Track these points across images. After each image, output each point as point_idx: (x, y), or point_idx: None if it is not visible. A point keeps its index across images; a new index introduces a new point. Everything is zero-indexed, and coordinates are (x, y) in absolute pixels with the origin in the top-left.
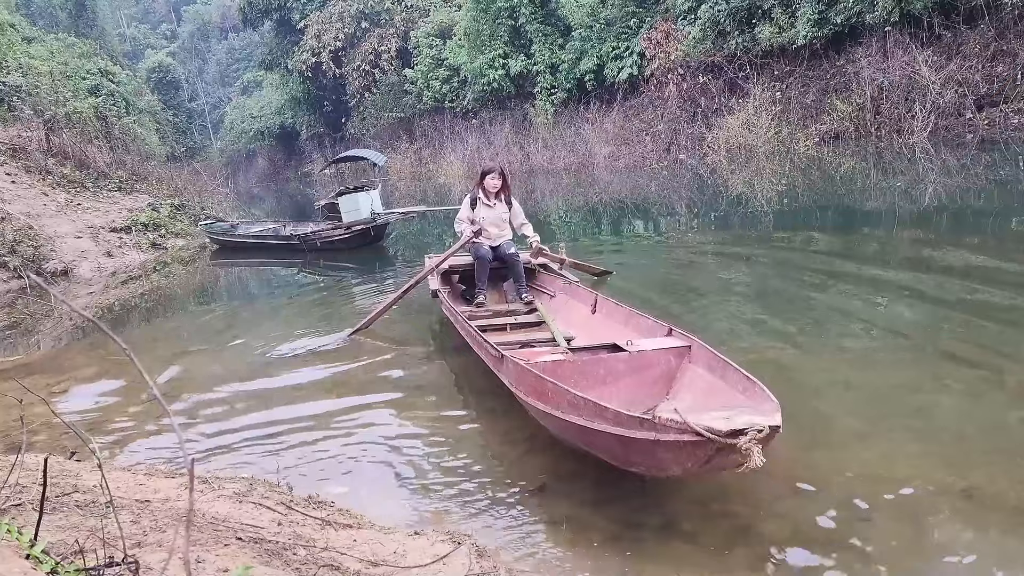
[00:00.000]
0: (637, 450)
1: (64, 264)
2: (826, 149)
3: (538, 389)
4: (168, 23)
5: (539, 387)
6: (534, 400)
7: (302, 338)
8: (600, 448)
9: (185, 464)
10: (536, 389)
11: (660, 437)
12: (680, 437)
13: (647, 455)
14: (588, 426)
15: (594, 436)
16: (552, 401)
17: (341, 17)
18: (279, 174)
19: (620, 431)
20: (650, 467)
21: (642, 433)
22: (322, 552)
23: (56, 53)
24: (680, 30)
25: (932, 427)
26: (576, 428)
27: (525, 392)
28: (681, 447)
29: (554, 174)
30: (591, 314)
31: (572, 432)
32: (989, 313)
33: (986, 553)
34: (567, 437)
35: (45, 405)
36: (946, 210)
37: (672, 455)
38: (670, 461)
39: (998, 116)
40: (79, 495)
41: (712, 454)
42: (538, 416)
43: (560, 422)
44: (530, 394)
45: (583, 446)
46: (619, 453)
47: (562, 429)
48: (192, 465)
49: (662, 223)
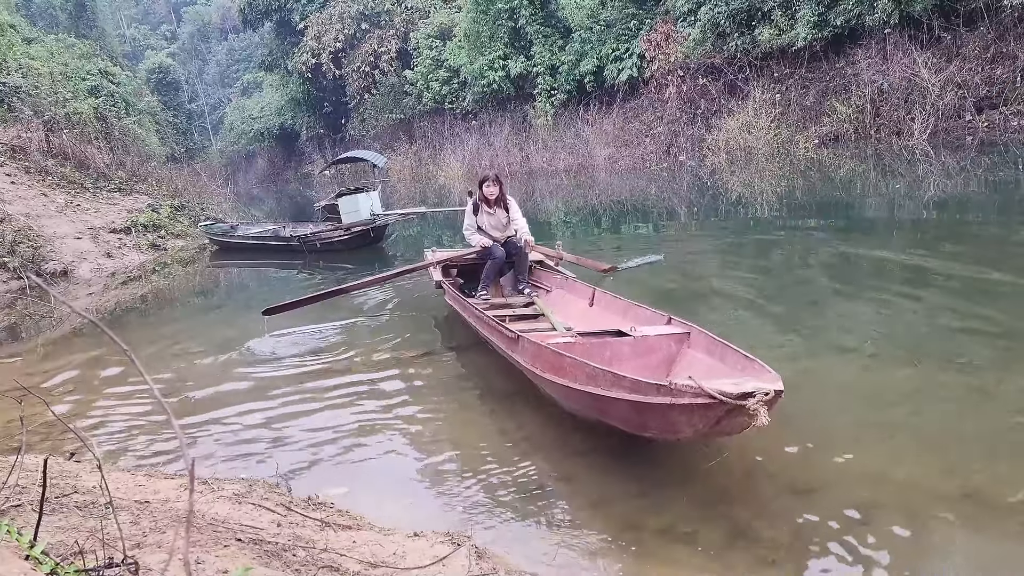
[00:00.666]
0: (652, 415)
1: (64, 265)
2: (826, 151)
3: (555, 365)
4: (168, 24)
5: (556, 363)
6: (551, 375)
7: (301, 339)
8: (615, 416)
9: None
10: (553, 365)
11: (675, 401)
12: (694, 400)
13: (662, 419)
14: (606, 395)
15: (611, 404)
16: (569, 375)
17: (341, 18)
18: (279, 175)
19: (637, 397)
20: (663, 431)
21: (658, 398)
22: (322, 553)
23: (56, 54)
24: (680, 32)
25: (931, 429)
26: (593, 398)
27: (542, 368)
28: (694, 410)
29: (554, 175)
30: (589, 307)
31: (589, 402)
32: (988, 315)
33: (985, 555)
34: (583, 408)
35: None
36: (945, 213)
37: (685, 417)
38: (683, 423)
39: (998, 118)
40: (79, 496)
41: (722, 416)
42: (554, 391)
43: (577, 393)
44: (547, 370)
45: (598, 415)
46: (634, 419)
47: (579, 400)
48: (192, 466)
49: (662, 225)
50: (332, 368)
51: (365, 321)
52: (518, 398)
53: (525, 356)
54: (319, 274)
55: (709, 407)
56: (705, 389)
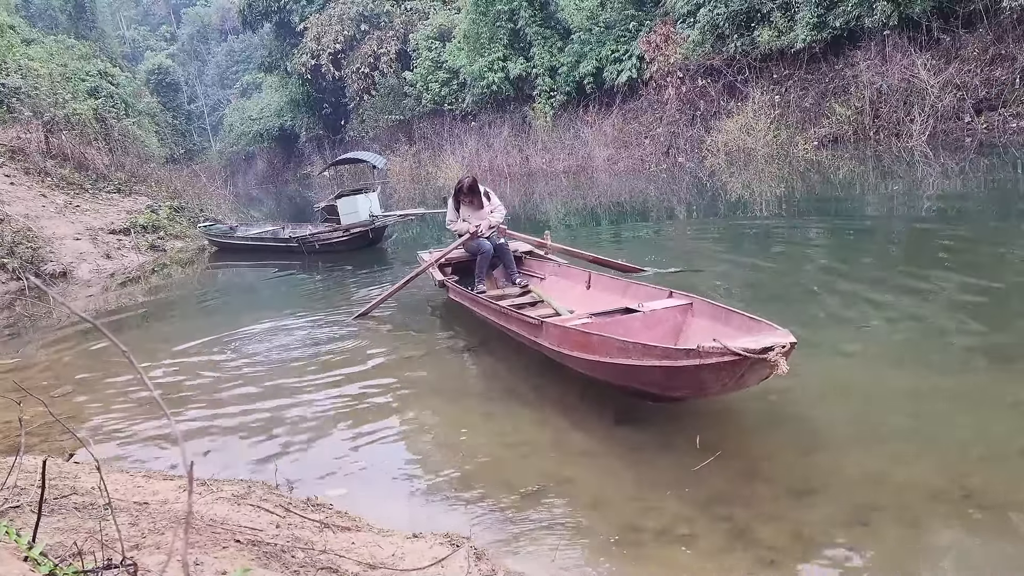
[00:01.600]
0: (682, 377)
1: (63, 266)
2: (825, 153)
3: (583, 343)
4: (168, 25)
5: (585, 341)
6: (580, 353)
7: (300, 340)
8: (645, 382)
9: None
10: (582, 343)
11: (704, 362)
12: (721, 359)
13: (690, 380)
14: (637, 364)
15: (641, 372)
16: (600, 351)
17: (340, 19)
18: (278, 176)
19: (668, 363)
20: (692, 390)
21: (687, 361)
22: (320, 554)
23: (55, 55)
24: (679, 33)
25: (930, 431)
26: (624, 368)
27: (570, 348)
28: (721, 368)
29: (553, 177)
30: (586, 289)
31: (620, 373)
32: (988, 317)
33: (984, 555)
34: (614, 378)
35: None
36: (945, 214)
37: (713, 376)
38: (711, 381)
39: (997, 120)
40: (77, 497)
41: (746, 370)
42: (584, 367)
43: (609, 366)
44: (575, 349)
45: (630, 383)
46: (664, 383)
47: (610, 372)
48: (191, 467)
49: (661, 226)
50: (331, 369)
51: (363, 323)
52: (517, 399)
53: (551, 339)
54: (318, 275)
55: (735, 364)
56: (731, 348)
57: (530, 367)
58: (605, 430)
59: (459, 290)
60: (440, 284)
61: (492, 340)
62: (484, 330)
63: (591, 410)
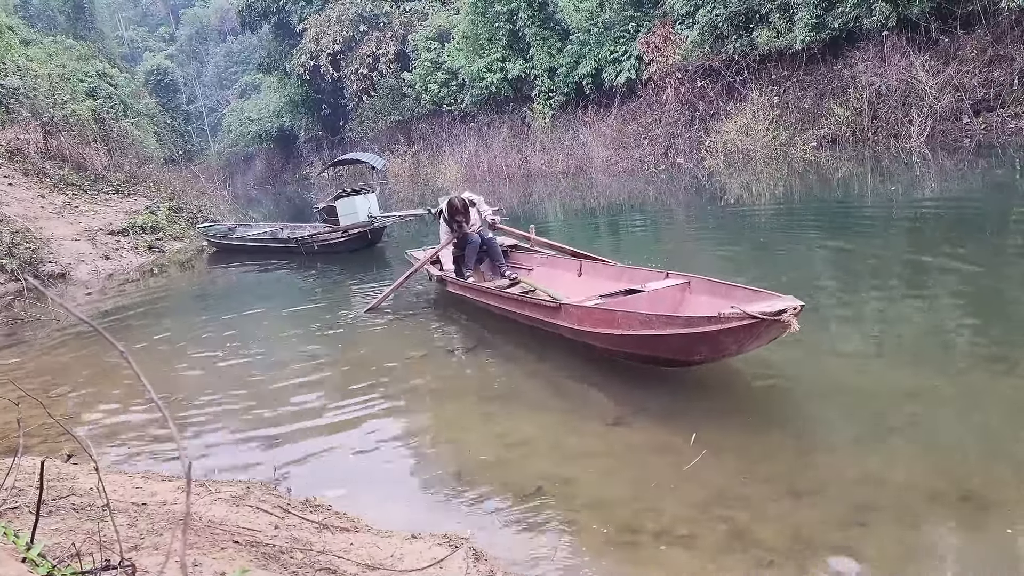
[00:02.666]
0: (703, 342)
1: (61, 267)
2: (823, 153)
3: (607, 319)
4: (166, 26)
5: (608, 317)
6: (604, 329)
7: (299, 341)
8: (667, 349)
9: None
10: (605, 320)
11: (724, 327)
12: (741, 323)
13: (711, 344)
14: (660, 334)
15: (664, 341)
16: (623, 324)
17: (339, 20)
18: (277, 177)
19: (691, 330)
20: (712, 353)
21: (709, 327)
22: (319, 555)
23: (54, 55)
24: (678, 34)
25: (929, 432)
26: (648, 339)
27: (592, 325)
28: (740, 331)
29: (552, 177)
30: (577, 277)
31: (643, 343)
32: (987, 317)
33: (983, 557)
34: (636, 349)
35: (42, 408)
36: (943, 215)
37: (732, 338)
38: (730, 343)
39: (995, 121)
40: (76, 498)
41: (762, 331)
42: (606, 342)
43: (632, 338)
44: (598, 325)
45: (651, 352)
46: (685, 349)
47: (631, 344)
48: (189, 468)
49: (660, 226)
50: (329, 370)
51: (361, 323)
52: (516, 400)
53: (571, 320)
54: (317, 276)
55: (752, 326)
56: (749, 312)
57: (529, 367)
58: (604, 431)
59: (460, 282)
60: (438, 279)
61: (491, 340)
62: (483, 330)
63: (590, 411)
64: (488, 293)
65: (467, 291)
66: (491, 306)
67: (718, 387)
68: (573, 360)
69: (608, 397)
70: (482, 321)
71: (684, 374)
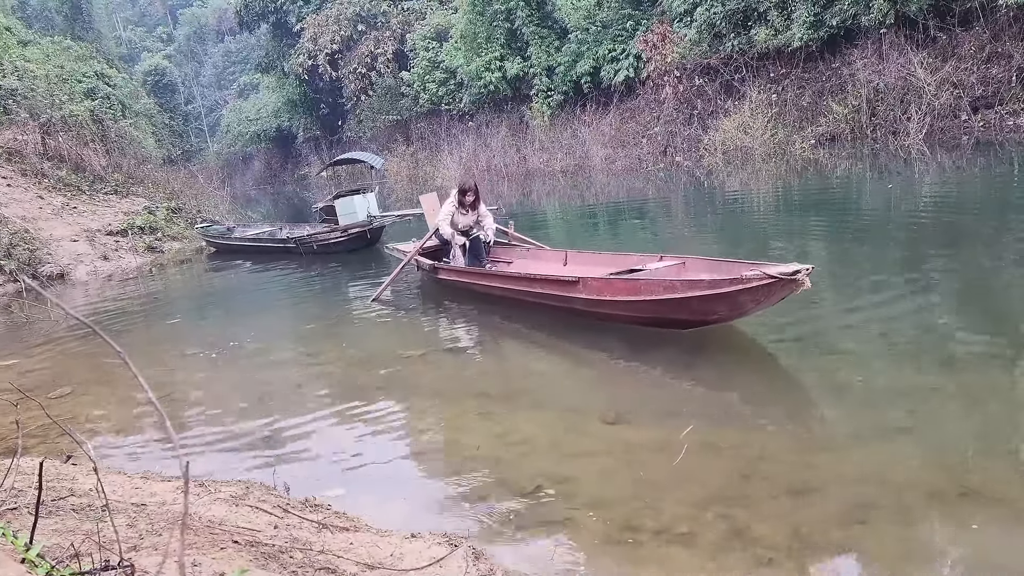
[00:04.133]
0: (723, 302)
1: (60, 267)
2: (822, 151)
3: (630, 288)
4: (164, 26)
5: (631, 286)
6: (626, 296)
7: (297, 340)
8: (688, 311)
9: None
10: (628, 288)
11: (745, 287)
12: (761, 283)
13: (731, 303)
14: (683, 296)
15: (686, 303)
16: (646, 291)
17: (337, 20)
18: (276, 177)
19: (713, 291)
20: (731, 312)
21: (731, 287)
22: (319, 555)
23: (52, 56)
24: (676, 32)
25: (928, 429)
26: (669, 302)
27: (613, 294)
28: (759, 290)
29: (551, 176)
30: (563, 266)
31: (665, 307)
32: (986, 315)
33: (982, 554)
34: (656, 313)
35: (41, 409)
36: (942, 212)
37: (751, 297)
38: (748, 302)
39: (993, 118)
40: (75, 499)
41: (778, 290)
42: (627, 308)
43: (654, 303)
44: (619, 294)
45: (672, 315)
46: (705, 308)
47: (651, 308)
48: (187, 468)
49: (658, 224)
50: (328, 369)
51: (359, 323)
52: (515, 399)
53: (589, 292)
54: (316, 276)
55: (771, 286)
56: (768, 273)
57: (528, 366)
58: (603, 430)
59: (459, 268)
60: (431, 268)
61: (490, 339)
62: (481, 328)
63: (589, 410)
64: (495, 276)
65: (469, 277)
66: (495, 288)
67: (718, 385)
68: (572, 359)
69: (607, 395)
70: (480, 318)
71: (683, 374)
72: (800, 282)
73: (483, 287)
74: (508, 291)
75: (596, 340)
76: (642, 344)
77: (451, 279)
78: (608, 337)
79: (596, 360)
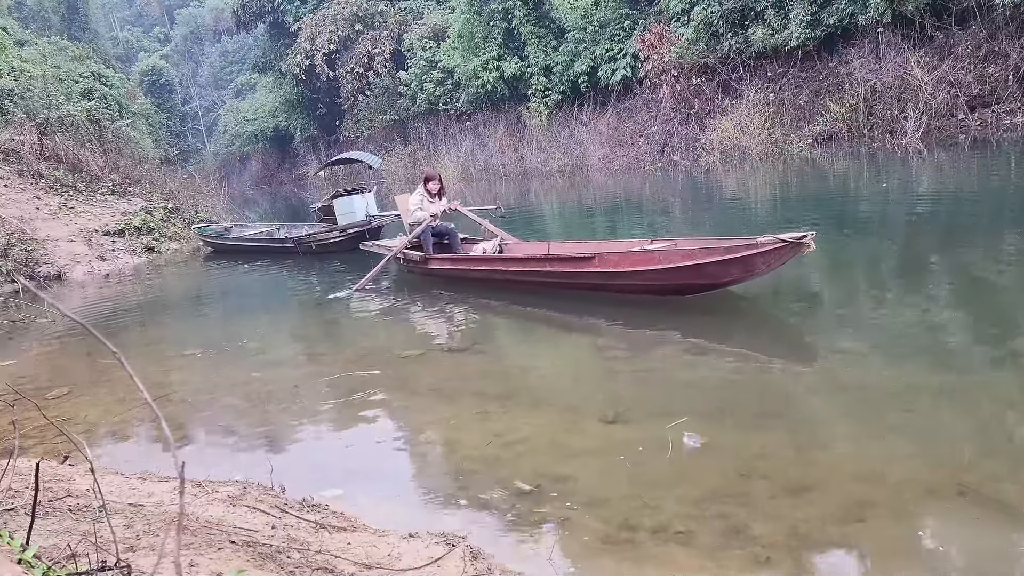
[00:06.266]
0: (738, 265)
1: (57, 268)
2: (819, 150)
3: (647, 258)
4: (161, 26)
5: (647, 257)
6: (643, 267)
7: (295, 340)
8: (704, 275)
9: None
10: (645, 259)
11: (760, 250)
12: (774, 247)
13: (745, 266)
14: (702, 262)
15: (703, 268)
16: (664, 260)
17: (335, 20)
18: (273, 177)
19: (730, 256)
20: (743, 274)
21: (747, 252)
22: (316, 555)
23: (48, 56)
24: (673, 32)
25: (926, 427)
26: (686, 269)
27: (630, 265)
28: (771, 253)
29: (548, 176)
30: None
31: (682, 273)
32: (984, 313)
33: (980, 552)
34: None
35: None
36: (939, 211)
37: (763, 259)
38: (760, 264)
39: (990, 117)
40: (72, 499)
41: (787, 253)
42: (643, 278)
43: (671, 271)
44: (635, 265)
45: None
46: (720, 272)
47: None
48: (182, 468)
49: (657, 223)
50: (325, 369)
51: (357, 322)
52: (513, 398)
53: (605, 266)
54: (315, 276)
55: (781, 249)
56: (781, 238)
57: (526, 365)
58: (601, 429)
59: (455, 256)
60: (422, 259)
61: (487, 338)
62: (479, 326)
63: (587, 409)
64: (496, 260)
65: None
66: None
67: (716, 384)
68: (570, 358)
69: (605, 394)
70: (476, 314)
71: (682, 373)
72: (807, 244)
73: (482, 272)
74: (512, 274)
75: (595, 339)
76: (641, 343)
77: (446, 268)
78: (607, 336)
79: (595, 359)
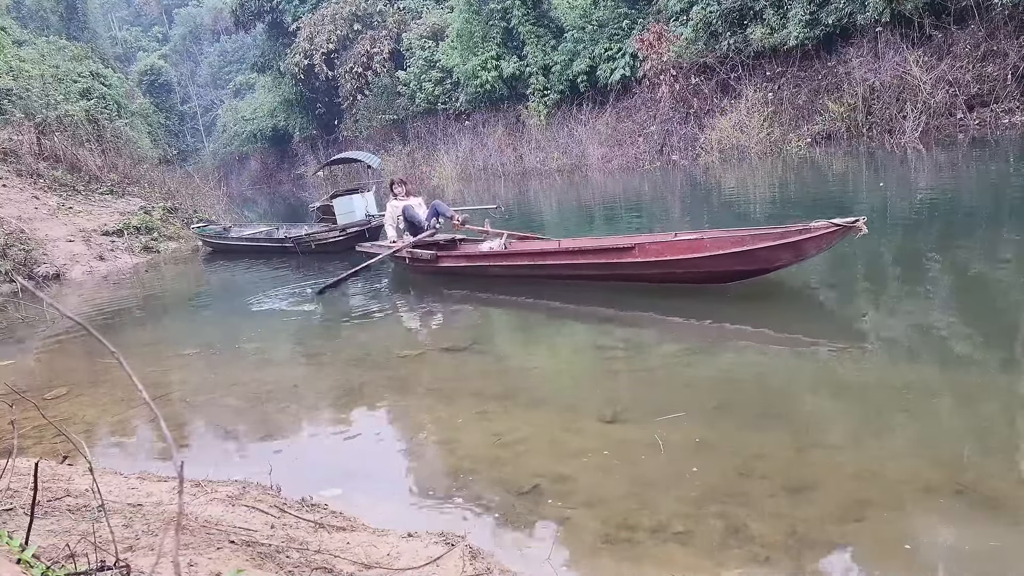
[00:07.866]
0: (789, 249)
1: (56, 268)
2: (818, 149)
3: (694, 246)
4: (160, 26)
5: (694, 245)
6: (689, 254)
7: (294, 340)
8: (753, 260)
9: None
10: (691, 247)
11: (812, 235)
12: (826, 231)
13: (796, 250)
14: (749, 249)
15: (752, 254)
16: (712, 247)
17: (333, 19)
18: (272, 177)
19: (782, 241)
20: (794, 258)
21: (800, 236)
22: (315, 555)
23: (47, 56)
24: (672, 31)
25: (924, 426)
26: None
27: (674, 254)
28: (823, 236)
29: (547, 175)
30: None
31: (732, 259)
32: (982, 312)
33: (978, 551)
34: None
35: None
36: (938, 210)
37: (814, 243)
38: (811, 247)
39: (989, 116)
40: (71, 499)
41: (837, 237)
42: (688, 266)
43: (719, 258)
44: (680, 253)
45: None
46: (770, 256)
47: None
48: (181, 468)
49: (655, 222)
50: (324, 369)
51: (356, 322)
52: (512, 398)
53: (646, 255)
54: (315, 275)
55: (833, 233)
56: (834, 223)
57: (524, 365)
58: (600, 428)
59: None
60: (434, 259)
61: (486, 337)
62: (478, 326)
63: (586, 408)
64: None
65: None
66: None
67: (715, 384)
68: (569, 358)
69: (604, 394)
70: (476, 314)
71: (681, 373)
72: (859, 228)
73: (502, 268)
74: (537, 268)
75: (595, 338)
76: (641, 343)
77: (460, 265)
78: (607, 336)
79: (594, 358)
